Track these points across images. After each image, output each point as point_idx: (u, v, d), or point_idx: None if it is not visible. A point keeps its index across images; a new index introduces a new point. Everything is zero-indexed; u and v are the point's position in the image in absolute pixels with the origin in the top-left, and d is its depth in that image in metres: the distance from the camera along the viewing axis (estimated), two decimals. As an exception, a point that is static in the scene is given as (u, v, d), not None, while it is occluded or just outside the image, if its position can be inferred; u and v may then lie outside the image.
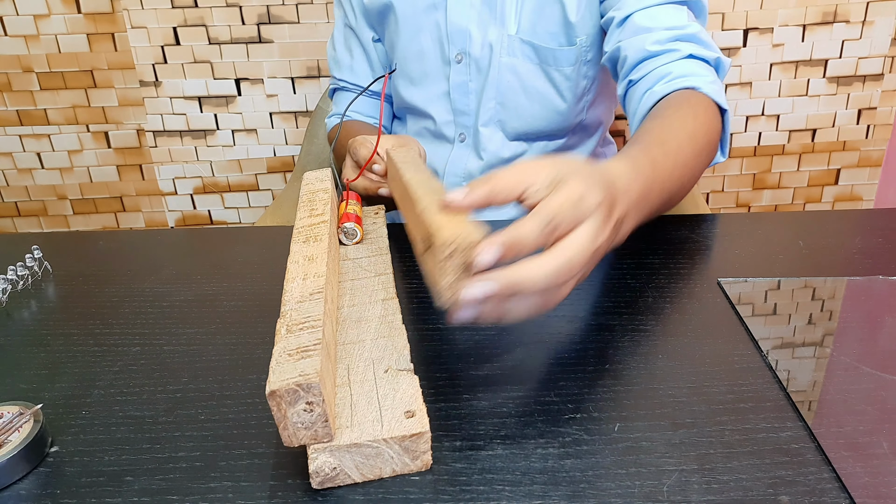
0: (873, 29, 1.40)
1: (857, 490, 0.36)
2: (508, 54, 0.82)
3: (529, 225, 0.39)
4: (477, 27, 0.83)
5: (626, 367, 0.47)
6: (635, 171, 0.50)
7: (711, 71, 0.71)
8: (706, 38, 0.73)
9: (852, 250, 0.62)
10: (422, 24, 0.85)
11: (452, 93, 0.87)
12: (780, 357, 0.47)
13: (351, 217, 0.58)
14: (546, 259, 0.39)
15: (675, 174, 0.57)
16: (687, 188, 0.62)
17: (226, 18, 1.39)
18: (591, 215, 0.41)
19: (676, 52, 0.70)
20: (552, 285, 0.39)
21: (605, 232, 0.42)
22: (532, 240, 0.38)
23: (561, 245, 0.39)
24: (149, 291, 0.59)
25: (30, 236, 0.73)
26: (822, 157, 1.53)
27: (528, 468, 0.39)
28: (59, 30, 1.39)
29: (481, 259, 0.37)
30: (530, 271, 0.38)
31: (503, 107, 0.85)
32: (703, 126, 0.62)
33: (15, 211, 1.58)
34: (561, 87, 0.83)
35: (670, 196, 0.58)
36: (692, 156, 0.59)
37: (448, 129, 0.90)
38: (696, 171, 0.61)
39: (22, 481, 0.39)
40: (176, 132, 1.50)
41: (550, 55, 0.81)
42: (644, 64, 0.72)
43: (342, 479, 0.38)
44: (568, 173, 0.42)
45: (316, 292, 0.43)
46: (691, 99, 0.65)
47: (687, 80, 0.67)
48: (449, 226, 0.39)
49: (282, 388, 0.35)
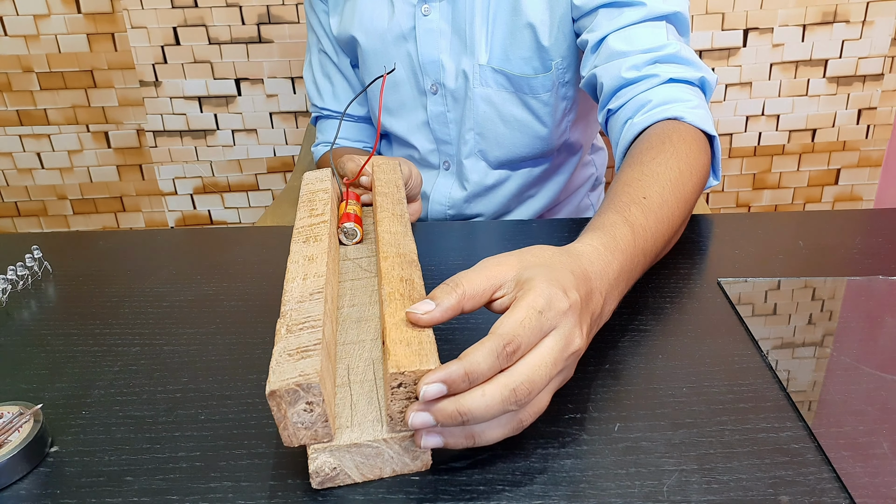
0: (873, 29, 1.40)
1: (857, 490, 0.36)
2: (482, 84, 0.79)
3: (483, 352, 0.35)
4: (449, 57, 0.80)
5: (626, 367, 0.47)
6: (612, 247, 0.46)
7: (696, 93, 0.66)
8: (688, 55, 0.68)
9: (852, 250, 0.62)
10: (392, 56, 0.83)
11: (432, 123, 0.85)
12: (780, 357, 0.47)
13: (351, 217, 0.58)
14: (492, 387, 0.35)
15: (660, 231, 0.52)
16: (676, 237, 0.59)
17: (226, 18, 1.39)
18: (558, 325, 0.38)
19: (655, 77, 0.66)
20: (509, 408, 0.36)
21: (575, 337, 0.39)
22: (487, 367, 0.35)
23: (513, 369, 0.36)
24: (149, 291, 0.59)
25: (30, 236, 0.73)
26: (822, 157, 1.53)
27: (528, 468, 0.39)
28: (59, 30, 1.39)
29: (424, 395, 0.35)
30: (474, 401, 0.35)
31: (482, 137, 0.83)
32: (688, 166, 0.57)
33: (15, 211, 1.58)
34: (540, 114, 0.80)
35: (657, 254, 0.54)
36: (678, 205, 0.55)
37: (433, 157, 0.89)
38: (685, 216, 0.58)
39: (22, 481, 0.39)
40: (176, 132, 1.50)
41: (525, 83, 0.77)
42: (622, 92, 0.67)
43: (342, 479, 0.38)
44: (534, 276, 0.39)
45: (316, 292, 0.43)
46: (673, 134, 0.60)
47: (668, 108, 0.63)
48: (400, 347, 0.37)
49: (282, 388, 0.35)
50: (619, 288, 0.47)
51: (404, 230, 0.51)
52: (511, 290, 0.40)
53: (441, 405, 0.35)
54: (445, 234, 0.69)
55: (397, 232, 0.51)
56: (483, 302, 0.41)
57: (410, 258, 0.47)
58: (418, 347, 0.37)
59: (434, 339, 0.38)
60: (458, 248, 0.65)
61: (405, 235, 0.50)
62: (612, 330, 0.51)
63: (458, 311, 0.40)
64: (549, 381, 0.37)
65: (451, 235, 0.68)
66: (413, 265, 0.46)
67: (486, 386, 0.35)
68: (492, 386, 0.35)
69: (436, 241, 0.67)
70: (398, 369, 0.36)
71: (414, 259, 0.47)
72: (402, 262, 0.46)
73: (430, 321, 0.39)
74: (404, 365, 0.36)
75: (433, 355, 0.37)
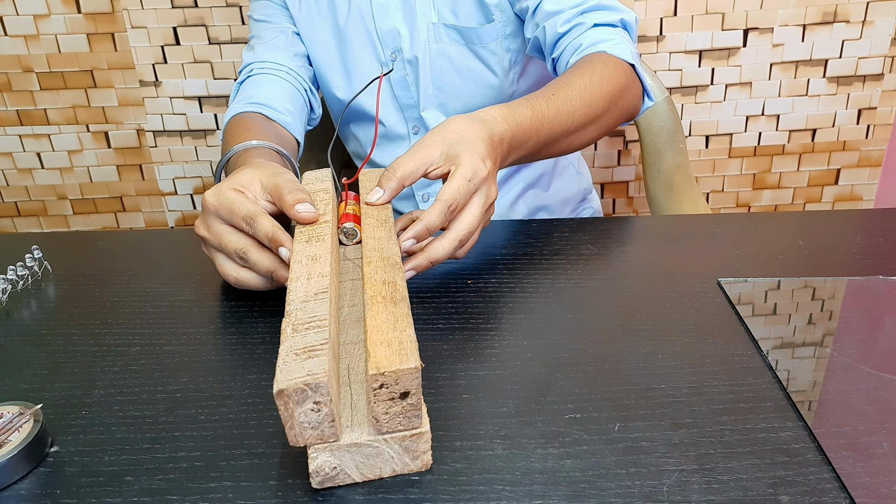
0: (873, 29, 1.39)
1: (857, 490, 0.36)
2: (436, 41, 0.87)
3: (435, 212, 0.53)
4: (403, 24, 0.87)
5: (626, 367, 0.47)
6: (510, 116, 0.62)
7: (618, 32, 0.79)
8: (609, 2, 0.80)
9: (852, 250, 0.62)
10: (352, 37, 0.88)
11: (395, 90, 0.90)
12: (780, 357, 0.47)
13: (350, 217, 0.58)
14: (447, 241, 0.54)
15: (558, 121, 0.66)
16: (584, 132, 0.71)
17: (226, 18, 1.39)
18: (480, 187, 0.55)
19: (583, 24, 0.79)
20: (458, 248, 0.55)
21: (492, 190, 0.57)
22: (439, 222, 0.53)
23: (456, 225, 0.54)
24: (149, 291, 0.59)
25: (30, 236, 0.73)
26: (822, 157, 1.52)
27: (528, 468, 0.39)
28: (59, 30, 1.39)
29: (403, 246, 0.52)
30: (436, 251, 0.54)
31: (441, 91, 0.90)
32: (600, 78, 0.71)
33: (15, 211, 1.58)
34: (490, 63, 0.88)
35: (553, 138, 0.67)
36: (582, 104, 0.68)
37: (399, 127, 0.93)
38: (591, 115, 0.70)
39: (22, 481, 0.39)
40: (176, 132, 1.50)
41: (474, 34, 0.86)
42: (559, 42, 0.80)
43: (342, 479, 0.38)
44: (460, 152, 0.55)
45: (321, 292, 0.43)
46: (593, 59, 0.74)
47: (595, 46, 0.76)
48: (381, 348, 0.37)
49: (290, 387, 0.34)
50: (513, 147, 0.63)
51: (388, 234, 0.51)
52: (442, 162, 0.56)
53: (417, 262, 0.54)
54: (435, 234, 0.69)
55: (381, 237, 0.51)
56: (418, 178, 0.56)
57: (394, 261, 0.47)
58: (398, 348, 0.37)
59: (415, 338, 0.38)
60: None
61: (389, 239, 0.51)
62: (612, 330, 0.51)
63: (401, 189, 0.56)
64: (479, 223, 0.56)
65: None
66: (396, 267, 0.46)
67: (442, 240, 0.54)
68: (446, 240, 0.54)
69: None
70: (378, 370, 0.36)
71: (397, 262, 0.47)
72: (386, 266, 0.46)
73: (383, 202, 0.56)
74: (384, 365, 0.36)
75: (413, 354, 0.37)
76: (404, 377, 0.36)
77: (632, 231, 0.69)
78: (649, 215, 1.05)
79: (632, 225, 0.71)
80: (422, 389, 0.37)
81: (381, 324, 0.40)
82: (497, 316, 0.54)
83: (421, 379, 0.36)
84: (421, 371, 0.36)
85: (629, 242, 0.66)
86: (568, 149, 0.72)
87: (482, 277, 0.60)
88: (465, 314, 0.54)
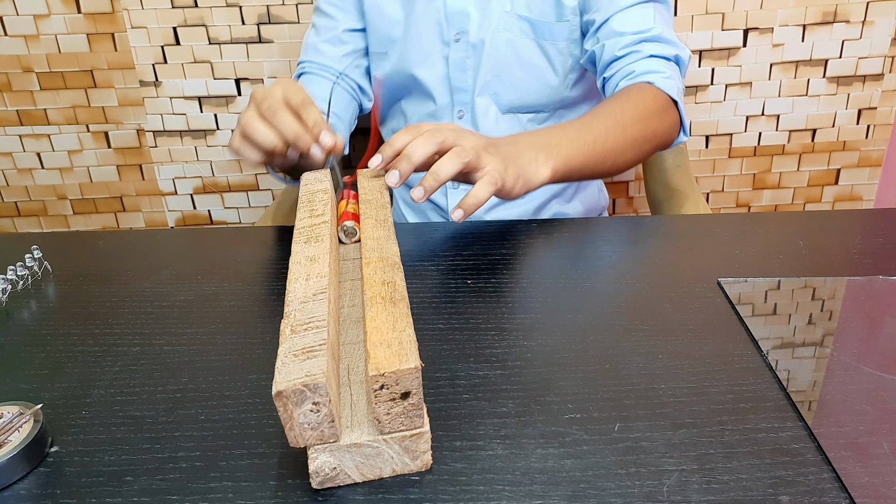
0: (873, 29, 1.39)
1: (857, 490, 0.36)
2: (506, 29, 0.88)
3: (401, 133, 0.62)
4: (474, 7, 0.88)
5: (626, 367, 0.47)
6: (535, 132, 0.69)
7: (671, 66, 0.81)
8: (669, 36, 0.83)
9: (852, 250, 0.62)
10: (420, 11, 0.89)
11: (451, 70, 0.91)
12: (780, 357, 0.47)
13: (350, 216, 0.58)
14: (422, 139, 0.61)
15: (585, 143, 0.70)
16: (621, 157, 0.74)
17: (226, 18, 1.39)
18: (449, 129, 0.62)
19: (639, 52, 0.81)
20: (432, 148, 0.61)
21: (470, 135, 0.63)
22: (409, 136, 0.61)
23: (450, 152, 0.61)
24: (149, 291, 0.59)
25: (30, 236, 0.73)
26: (822, 157, 1.52)
27: (528, 468, 0.39)
28: (59, 30, 1.39)
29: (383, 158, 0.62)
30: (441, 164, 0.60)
31: (498, 79, 0.90)
32: (638, 110, 0.74)
33: (15, 211, 1.58)
34: (554, 61, 0.89)
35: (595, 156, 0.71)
36: (616, 131, 0.72)
37: (447, 111, 0.94)
38: (622, 144, 0.73)
39: (22, 481, 0.39)
40: (176, 132, 1.50)
41: (546, 29, 0.87)
42: (614, 64, 0.83)
43: (342, 479, 0.38)
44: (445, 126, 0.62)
45: (319, 293, 0.43)
46: (637, 90, 0.77)
47: (645, 76, 0.79)
48: (380, 349, 0.37)
49: (288, 388, 0.34)
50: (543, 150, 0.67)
51: (387, 234, 0.51)
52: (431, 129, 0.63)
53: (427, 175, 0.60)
54: (435, 234, 0.69)
55: (380, 237, 0.51)
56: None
57: (393, 261, 0.47)
58: (398, 348, 0.37)
59: (415, 338, 0.38)
60: (449, 249, 0.65)
61: (388, 239, 0.51)
62: (612, 330, 0.51)
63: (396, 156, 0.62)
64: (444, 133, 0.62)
65: (442, 236, 0.68)
66: (395, 267, 0.46)
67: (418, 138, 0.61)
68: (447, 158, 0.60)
69: (427, 242, 0.67)
70: (378, 371, 0.35)
71: (397, 262, 0.47)
72: (385, 266, 0.46)
73: (383, 166, 0.63)
74: (384, 366, 0.36)
75: (413, 354, 0.37)
76: (404, 377, 0.36)
77: (632, 231, 0.69)
78: (649, 215, 1.05)
79: (632, 225, 0.71)
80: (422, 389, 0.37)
81: (380, 324, 0.39)
82: (497, 316, 0.54)
83: (421, 379, 0.36)
84: (421, 371, 0.36)
85: (629, 242, 0.66)
86: (606, 173, 0.75)
87: (482, 277, 0.60)
88: (465, 314, 0.54)
